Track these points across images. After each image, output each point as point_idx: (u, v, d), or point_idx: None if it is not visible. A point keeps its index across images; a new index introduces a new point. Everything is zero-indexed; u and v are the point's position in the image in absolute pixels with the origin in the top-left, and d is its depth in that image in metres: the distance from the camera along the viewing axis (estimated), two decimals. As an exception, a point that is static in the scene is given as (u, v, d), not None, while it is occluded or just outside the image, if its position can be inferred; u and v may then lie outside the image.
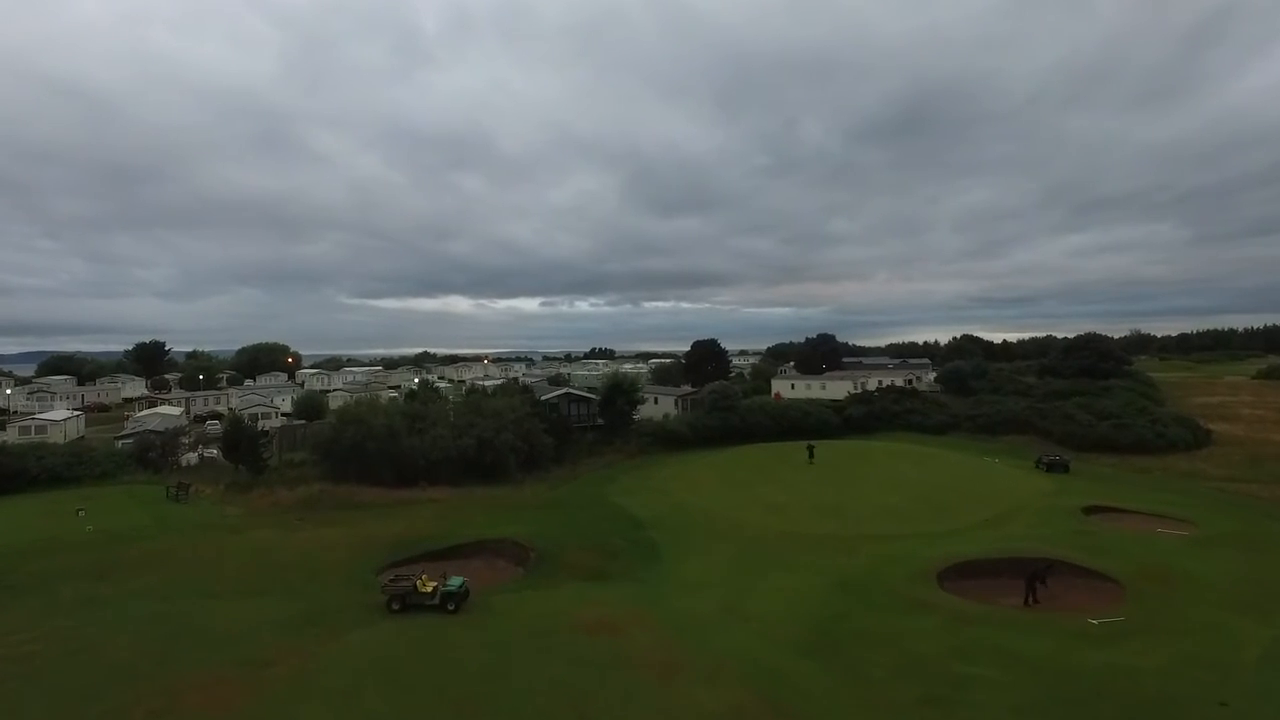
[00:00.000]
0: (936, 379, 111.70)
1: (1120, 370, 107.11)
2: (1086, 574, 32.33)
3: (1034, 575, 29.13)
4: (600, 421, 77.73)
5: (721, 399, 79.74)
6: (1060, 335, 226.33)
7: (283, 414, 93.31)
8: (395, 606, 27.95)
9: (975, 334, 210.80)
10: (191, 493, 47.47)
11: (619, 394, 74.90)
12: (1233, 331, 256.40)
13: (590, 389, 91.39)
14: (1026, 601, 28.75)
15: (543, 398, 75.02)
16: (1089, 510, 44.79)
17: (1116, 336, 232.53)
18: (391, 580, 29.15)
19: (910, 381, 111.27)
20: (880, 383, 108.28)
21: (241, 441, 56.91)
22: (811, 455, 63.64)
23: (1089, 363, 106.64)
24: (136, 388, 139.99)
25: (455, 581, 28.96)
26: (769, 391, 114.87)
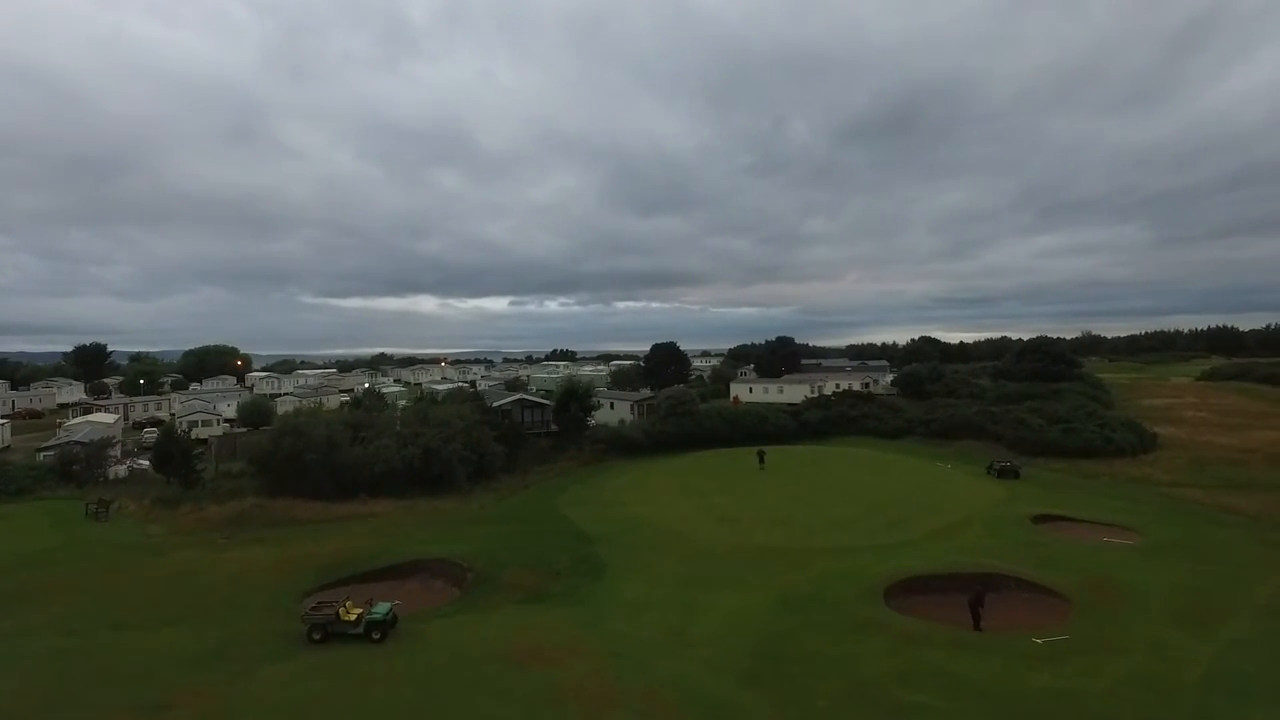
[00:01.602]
0: (893, 382, 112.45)
1: (1071, 373, 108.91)
2: (1034, 589, 32.00)
3: (975, 599, 28.56)
4: (555, 427, 76.32)
5: (678, 404, 78.91)
6: (1016, 336, 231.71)
7: (226, 421, 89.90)
8: (316, 636, 26.31)
9: (934, 335, 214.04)
10: (113, 510, 44.84)
11: (573, 400, 73.52)
12: (1178, 333, 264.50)
13: (546, 393, 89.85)
14: (977, 627, 28.14)
15: (494, 404, 73.29)
16: (1038, 519, 44.77)
17: (1069, 338, 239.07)
18: (313, 608, 27.47)
19: (867, 385, 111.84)
20: (838, 386, 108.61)
21: (173, 453, 54.28)
22: (762, 461, 63.13)
23: (1041, 365, 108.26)
24: (75, 393, 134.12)
25: (381, 608, 27.41)
26: (728, 395, 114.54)
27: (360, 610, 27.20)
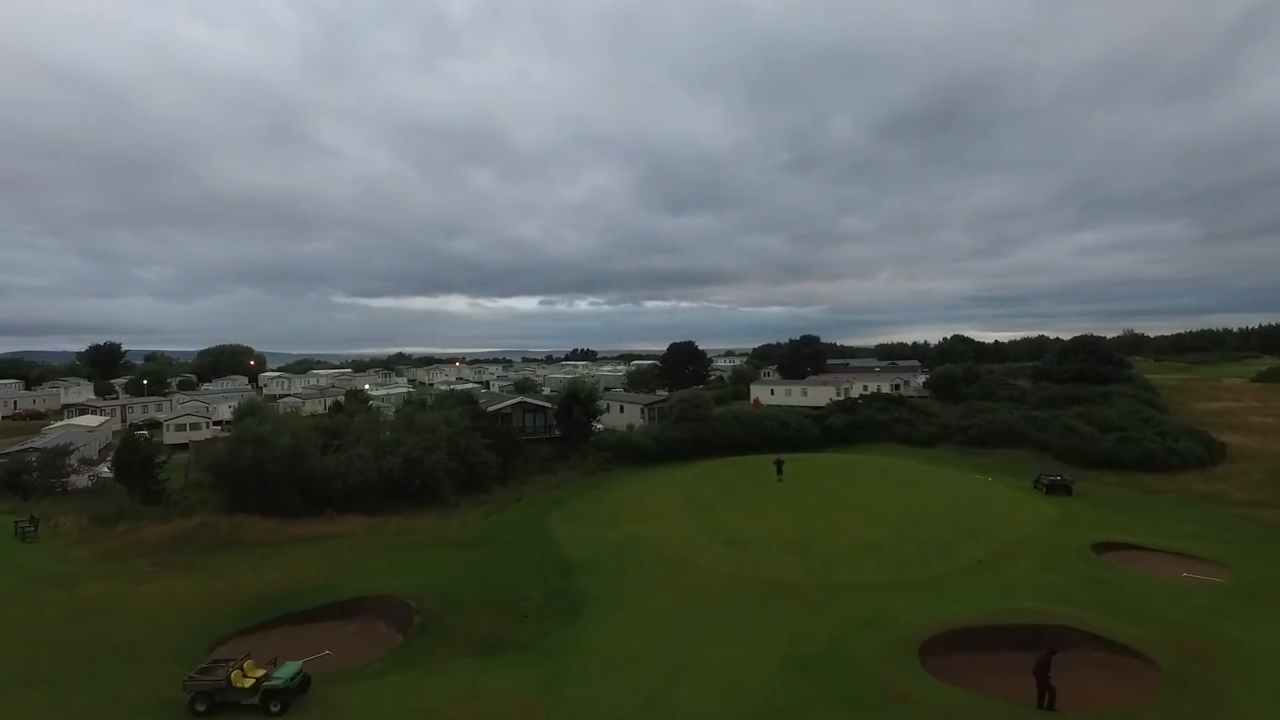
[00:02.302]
0: (925, 383, 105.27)
1: (1119, 374, 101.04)
2: (1109, 647, 25.60)
3: (1043, 666, 22.14)
4: (558, 433, 70.95)
5: (690, 408, 73.03)
6: (1053, 335, 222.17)
7: (217, 424, 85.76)
8: (200, 708, 20.95)
9: (966, 334, 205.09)
10: (43, 528, 40.10)
11: (575, 403, 68.05)
12: (1227, 331, 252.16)
13: (555, 395, 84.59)
14: (1041, 704, 21.83)
15: (491, 408, 68.05)
16: (1101, 547, 38.20)
17: (1109, 336, 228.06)
18: (201, 670, 22.06)
19: (897, 386, 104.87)
20: (865, 388, 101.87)
21: (133, 461, 49.74)
22: (780, 472, 56.85)
23: (1086, 366, 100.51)
24: (83, 393, 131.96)
25: (287, 671, 21.98)
26: (749, 397, 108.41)
27: (262, 672, 21.87)
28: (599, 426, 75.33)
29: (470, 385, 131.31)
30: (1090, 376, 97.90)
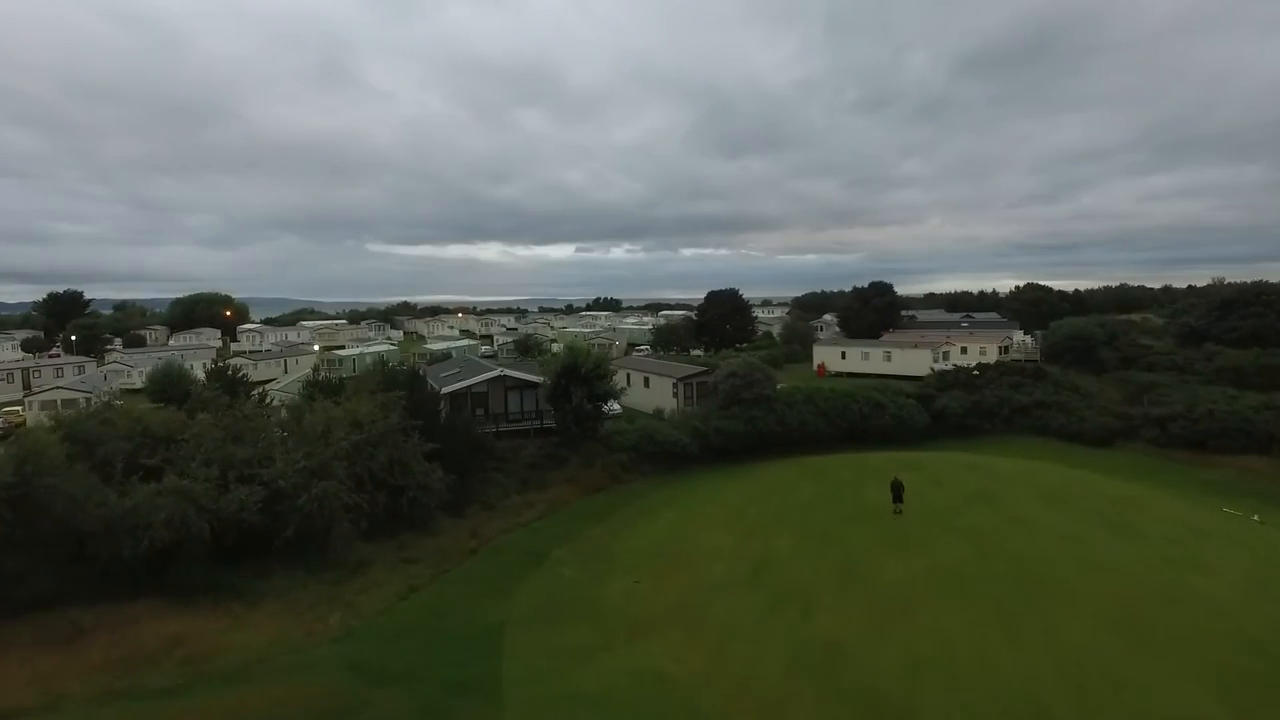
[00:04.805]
0: (1046, 347, 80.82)
1: (1307, 334, 75.98)
2: None
3: None
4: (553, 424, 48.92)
5: (745, 386, 50.20)
6: (1101, 285, 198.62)
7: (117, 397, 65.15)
8: None
9: (1003, 282, 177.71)
10: None
11: (576, 383, 45.47)
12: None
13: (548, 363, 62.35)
14: None
15: (449, 388, 45.91)
16: None
17: (1157, 287, 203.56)
18: None
19: (1004, 349, 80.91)
20: (964, 350, 78.18)
21: None
22: (898, 500, 34.35)
23: (1264, 323, 75.64)
24: (15, 351, 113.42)
25: None
26: (808, 361, 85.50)
27: None
28: (614, 408, 53.16)
29: (464, 343, 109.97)
30: (1272, 337, 73.31)
